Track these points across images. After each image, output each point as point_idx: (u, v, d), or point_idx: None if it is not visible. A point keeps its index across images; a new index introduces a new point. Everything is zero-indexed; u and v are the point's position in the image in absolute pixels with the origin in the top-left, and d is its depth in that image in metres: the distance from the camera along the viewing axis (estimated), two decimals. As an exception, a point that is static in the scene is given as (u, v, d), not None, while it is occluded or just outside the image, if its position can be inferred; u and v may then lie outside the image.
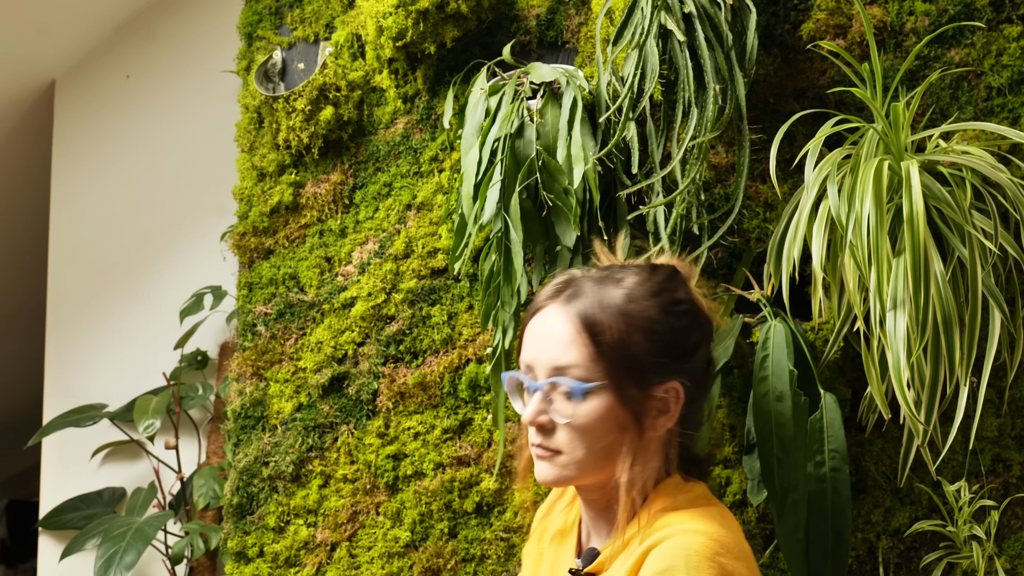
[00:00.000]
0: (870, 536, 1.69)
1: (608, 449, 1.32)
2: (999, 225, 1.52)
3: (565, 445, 1.32)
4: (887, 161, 1.47)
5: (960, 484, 1.55)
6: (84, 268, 2.77)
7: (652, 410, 1.32)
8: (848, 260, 1.50)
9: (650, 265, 1.41)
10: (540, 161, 1.73)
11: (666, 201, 1.65)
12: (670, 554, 1.22)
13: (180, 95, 2.73)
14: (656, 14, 1.64)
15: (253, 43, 2.32)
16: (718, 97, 1.61)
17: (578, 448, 1.32)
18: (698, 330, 1.36)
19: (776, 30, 1.79)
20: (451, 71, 2.07)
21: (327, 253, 2.13)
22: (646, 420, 1.32)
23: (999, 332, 1.52)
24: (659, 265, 1.41)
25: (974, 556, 1.54)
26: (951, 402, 1.52)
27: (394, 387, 2.01)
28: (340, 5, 2.23)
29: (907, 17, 1.73)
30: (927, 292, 1.41)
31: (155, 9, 2.80)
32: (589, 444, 1.31)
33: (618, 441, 1.32)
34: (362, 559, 1.98)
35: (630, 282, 1.34)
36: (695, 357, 1.35)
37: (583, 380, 1.31)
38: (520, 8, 2.03)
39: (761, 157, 1.74)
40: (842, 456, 1.56)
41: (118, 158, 2.78)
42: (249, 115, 2.27)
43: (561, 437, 1.32)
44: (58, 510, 2.50)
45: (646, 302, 1.33)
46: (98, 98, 2.86)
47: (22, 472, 5.39)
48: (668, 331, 1.33)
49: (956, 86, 1.69)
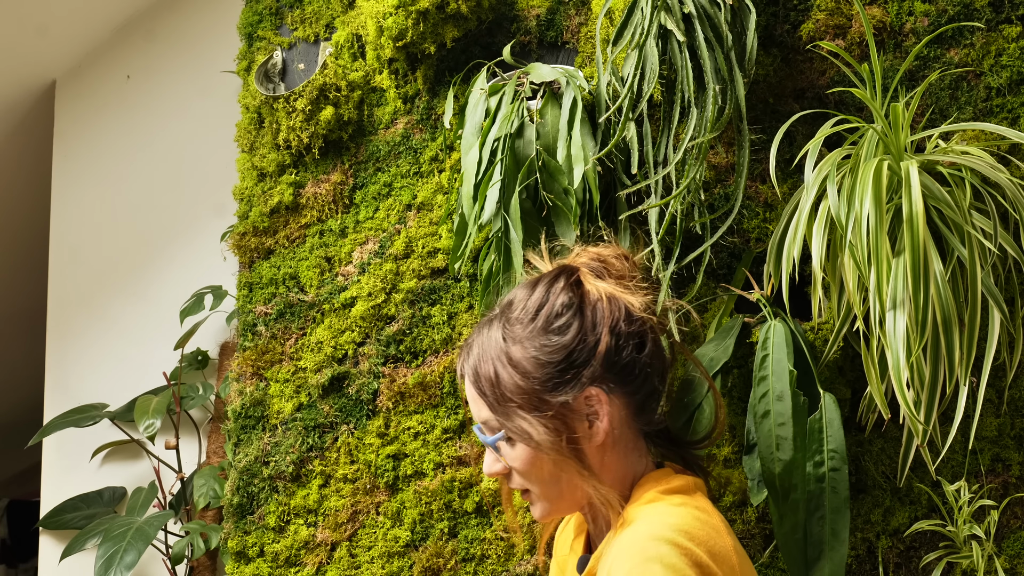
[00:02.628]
0: (870, 536, 1.69)
1: (559, 477, 1.33)
2: (999, 225, 1.52)
3: (527, 484, 1.36)
4: (887, 161, 1.47)
5: (960, 484, 1.55)
6: (84, 268, 2.77)
7: (581, 424, 1.32)
8: (848, 260, 1.50)
9: (532, 281, 1.39)
10: (540, 161, 1.73)
11: (663, 203, 1.65)
12: (622, 550, 1.22)
13: (180, 95, 2.73)
14: (656, 14, 1.64)
15: (253, 43, 2.32)
16: (718, 97, 1.61)
17: (536, 485, 1.35)
18: (591, 331, 1.32)
19: (776, 30, 1.79)
20: (451, 71, 2.07)
21: (327, 253, 2.13)
22: (579, 436, 1.32)
23: (998, 332, 1.52)
24: (541, 276, 1.39)
25: (974, 556, 1.54)
26: (951, 402, 1.52)
27: (394, 387, 2.01)
28: (340, 5, 2.23)
29: (907, 17, 1.73)
30: (927, 292, 1.41)
31: (155, 9, 2.80)
32: (540, 479, 1.34)
33: (565, 466, 1.32)
34: (362, 559, 1.98)
35: (512, 315, 1.35)
36: (597, 356, 1.32)
37: (495, 431, 1.35)
38: (520, 8, 2.03)
39: (761, 157, 1.74)
40: (841, 456, 1.56)
41: (118, 158, 2.78)
42: (249, 115, 2.27)
43: (518, 479, 1.37)
44: (58, 510, 2.50)
45: (523, 331, 1.33)
46: (98, 98, 2.87)
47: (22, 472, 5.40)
48: (554, 350, 1.31)
49: (955, 86, 1.69)
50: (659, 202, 1.67)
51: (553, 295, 1.34)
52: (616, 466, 1.34)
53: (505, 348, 1.32)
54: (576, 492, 1.34)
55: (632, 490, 1.34)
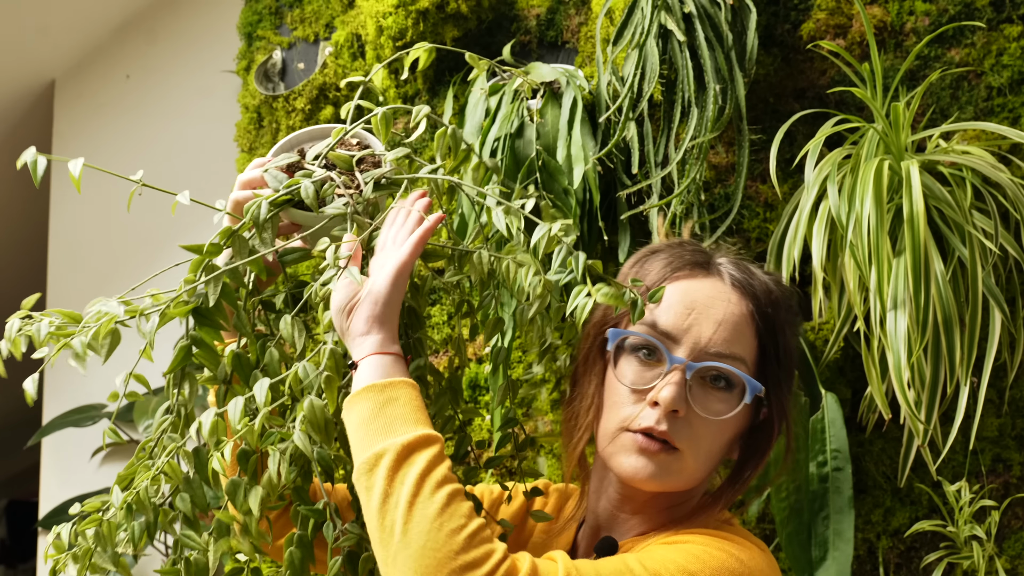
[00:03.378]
0: (870, 536, 1.69)
1: (717, 455, 1.20)
2: (999, 225, 1.52)
3: (691, 443, 1.15)
4: (887, 161, 1.47)
5: (960, 484, 1.55)
6: (84, 268, 2.77)
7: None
8: (848, 260, 1.50)
9: (777, 277, 1.31)
10: (540, 161, 1.73)
11: (663, 203, 1.65)
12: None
13: (180, 95, 2.73)
14: (656, 14, 1.64)
15: (253, 43, 2.32)
16: (718, 97, 1.61)
17: (702, 452, 1.16)
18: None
19: (776, 30, 1.79)
20: (451, 71, 2.07)
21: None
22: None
23: (999, 332, 1.51)
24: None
25: (974, 556, 1.54)
26: (951, 402, 1.52)
27: (394, 387, 2.00)
28: (340, 5, 2.23)
29: (907, 17, 1.73)
30: (927, 292, 1.40)
31: (155, 9, 2.80)
32: (710, 448, 1.17)
33: (729, 450, 1.22)
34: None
35: (791, 302, 1.27)
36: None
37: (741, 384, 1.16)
38: (520, 8, 2.03)
39: (761, 157, 1.74)
40: (844, 456, 1.55)
41: (118, 158, 2.78)
42: (249, 115, 2.27)
43: (691, 432, 1.15)
44: (58, 510, 2.51)
45: (795, 313, 1.26)
46: (98, 98, 2.87)
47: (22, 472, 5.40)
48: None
49: (956, 86, 1.69)
50: (659, 202, 1.67)
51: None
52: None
53: (798, 323, 1.26)
54: (702, 475, 1.19)
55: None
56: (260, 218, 1.19)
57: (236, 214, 1.27)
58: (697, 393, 1.15)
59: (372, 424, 1.07)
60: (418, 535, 0.99)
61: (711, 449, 1.17)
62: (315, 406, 1.13)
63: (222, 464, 1.14)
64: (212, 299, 1.16)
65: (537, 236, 1.16)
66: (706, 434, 1.15)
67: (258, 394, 1.14)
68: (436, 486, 1.02)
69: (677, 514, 1.20)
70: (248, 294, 1.24)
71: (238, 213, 1.28)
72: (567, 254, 1.13)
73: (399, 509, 1.01)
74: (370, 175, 1.25)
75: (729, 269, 1.23)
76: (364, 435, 1.07)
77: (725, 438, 1.18)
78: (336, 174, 1.24)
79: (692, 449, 1.15)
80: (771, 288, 1.24)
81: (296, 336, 1.20)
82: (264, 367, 1.21)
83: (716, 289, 1.20)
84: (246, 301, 1.23)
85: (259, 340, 1.23)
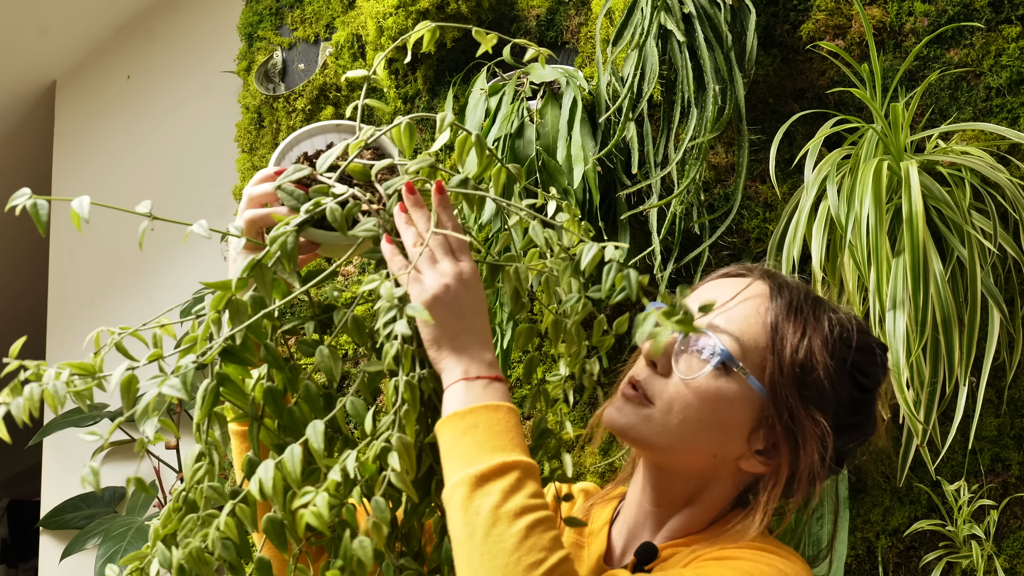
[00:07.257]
0: (869, 536, 1.69)
1: (701, 431, 1.19)
2: (998, 225, 1.52)
3: (664, 401, 1.18)
4: (886, 161, 1.47)
5: (959, 484, 1.55)
6: (84, 268, 2.78)
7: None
8: (848, 260, 1.50)
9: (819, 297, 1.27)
10: (540, 161, 1.73)
11: (663, 203, 1.65)
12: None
13: (180, 95, 2.73)
14: (656, 14, 1.65)
15: (253, 43, 2.32)
16: (717, 97, 1.61)
17: (673, 412, 1.17)
18: None
19: (776, 30, 1.79)
20: (451, 71, 2.07)
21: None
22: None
23: (998, 332, 1.52)
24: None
25: (973, 555, 1.55)
26: (950, 402, 1.52)
27: (394, 387, 2.01)
28: (340, 5, 2.23)
29: (906, 17, 1.73)
30: (926, 292, 1.41)
31: (155, 9, 2.80)
32: (690, 417, 1.17)
33: (723, 433, 1.21)
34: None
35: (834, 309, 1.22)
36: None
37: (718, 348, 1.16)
38: (520, 8, 2.03)
39: (761, 157, 1.74)
40: (841, 456, 1.56)
41: (118, 158, 2.78)
42: (249, 115, 2.27)
43: (665, 390, 1.18)
44: (59, 510, 2.51)
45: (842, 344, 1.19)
46: (98, 98, 2.87)
47: (23, 472, 5.40)
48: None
49: (955, 86, 1.70)
50: (659, 202, 1.67)
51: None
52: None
53: (838, 351, 1.17)
54: (673, 439, 1.17)
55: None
56: (289, 248, 1.11)
57: (252, 238, 1.23)
58: (681, 357, 1.17)
59: (451, 455, 1.06)
60: (492, 570, 0.98)
61: (686, 416, 1.16)
62: (404, 442, 1.06)
63: (293, 520, 1.07)
64: (239, 338, 1.10)
65: (587, 258, 1.12)
66: (679, 397, 1.16)
67: (314, 439, 1.06)
68: (513, 517, 1.00)
69: (699, 514, 1.21)
70: (273, 327, 1.17)
71: (252, 234, 1.24)
72: (617, 271, 1.10)
73: (473, 542, 1.00)
74: (392, 186, 1.17)
75: (768, 271, 1.21)
76: (446, 467, 1.06)
77: (707, 411, 1.16)
78: (359, 191, 1.19)
79: (663, 406, 1.16)
80: (803, 288, 1.20)
81: (333, 367, 1.16)
82: (298, 400, 1.16)
83: (744, 282, 1.20)
84: (272, 333, 1.16)
85: (290, 370, 1.17)
